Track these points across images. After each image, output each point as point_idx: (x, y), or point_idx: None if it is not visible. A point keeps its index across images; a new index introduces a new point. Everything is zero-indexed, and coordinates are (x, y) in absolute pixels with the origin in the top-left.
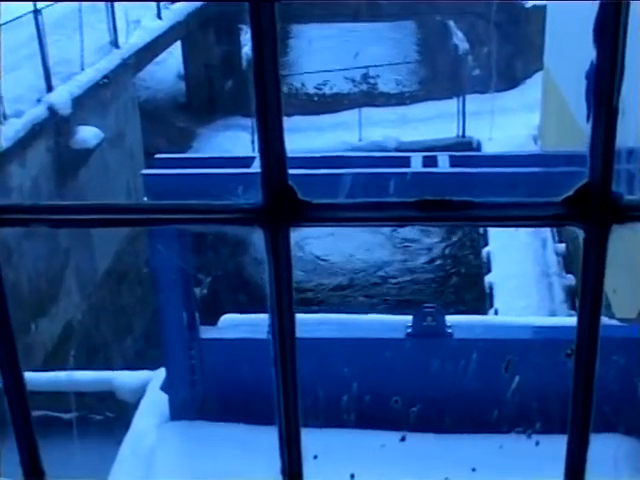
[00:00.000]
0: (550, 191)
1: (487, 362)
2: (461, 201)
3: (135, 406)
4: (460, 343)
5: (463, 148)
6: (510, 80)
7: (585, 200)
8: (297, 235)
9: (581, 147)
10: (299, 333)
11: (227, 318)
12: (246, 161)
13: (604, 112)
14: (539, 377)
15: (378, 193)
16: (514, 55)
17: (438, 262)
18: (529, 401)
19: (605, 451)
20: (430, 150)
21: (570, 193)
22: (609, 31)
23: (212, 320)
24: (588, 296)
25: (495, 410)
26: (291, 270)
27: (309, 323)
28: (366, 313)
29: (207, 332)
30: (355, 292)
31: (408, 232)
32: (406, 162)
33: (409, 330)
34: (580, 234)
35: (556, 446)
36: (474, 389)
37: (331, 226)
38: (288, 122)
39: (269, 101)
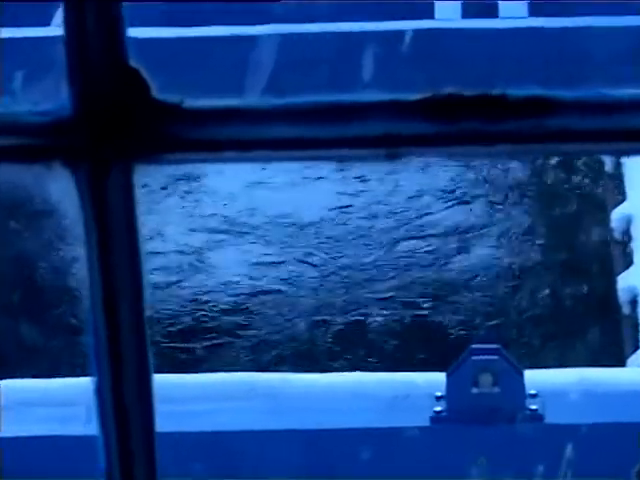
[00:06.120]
0: None
1: (613, 466)
2: (529, 97)
3: None
4: (556, 432)
5: None
6: None
7: None
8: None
9: None
10: (172, 423)
11: (6, 387)
12: (41, 15)
13: None
14: None
15: (339, 83)
16: None
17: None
18: None
19: None
20: None
21: None
22: None
23: None
24: None
25: None
26: (140, 261)
27: (203, 395)
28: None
29: None
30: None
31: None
32: (425, 9)
33: (439, 407)
34: None
35: None
36: None
37: (223, 161)
38: None
39: None
